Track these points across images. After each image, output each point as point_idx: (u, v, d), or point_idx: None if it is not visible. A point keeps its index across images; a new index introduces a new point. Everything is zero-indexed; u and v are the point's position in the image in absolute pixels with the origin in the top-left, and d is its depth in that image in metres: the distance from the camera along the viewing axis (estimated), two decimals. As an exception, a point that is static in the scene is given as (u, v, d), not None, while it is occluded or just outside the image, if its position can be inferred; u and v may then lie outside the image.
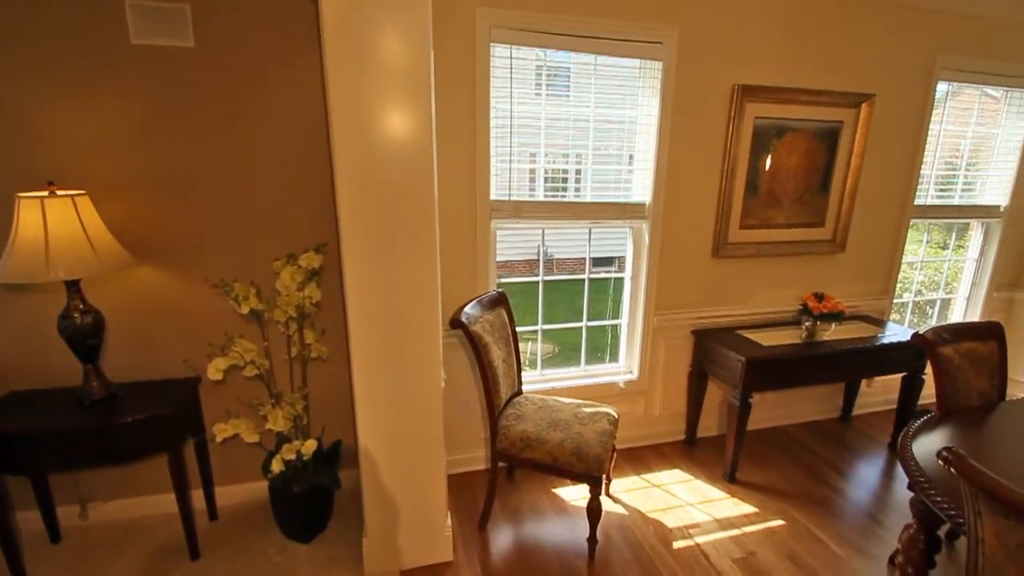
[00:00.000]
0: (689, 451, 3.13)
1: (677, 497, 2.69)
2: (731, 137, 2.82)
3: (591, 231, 2.85)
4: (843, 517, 2.56)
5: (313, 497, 2.26)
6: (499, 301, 2.55)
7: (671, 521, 2.50)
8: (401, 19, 1.67)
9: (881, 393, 3.67)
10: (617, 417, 2.43)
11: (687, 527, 2.46)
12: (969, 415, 2.08)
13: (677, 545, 2.34)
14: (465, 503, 2.60)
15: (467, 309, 2.25)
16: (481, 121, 2.44)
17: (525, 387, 2.77)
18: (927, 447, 1.79)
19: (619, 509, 2.58)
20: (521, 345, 2.65)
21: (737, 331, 3.01)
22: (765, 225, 3.07)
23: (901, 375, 3.09)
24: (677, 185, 2.83)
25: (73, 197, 1.85)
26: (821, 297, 2.89)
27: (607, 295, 3.14)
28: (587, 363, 3.09)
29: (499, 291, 2.59)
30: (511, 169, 2.59)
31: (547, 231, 2.78)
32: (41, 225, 1.77)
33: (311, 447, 2.14)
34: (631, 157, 2.80)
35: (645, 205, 2.83)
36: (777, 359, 2.68)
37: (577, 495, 2.67)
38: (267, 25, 2.14)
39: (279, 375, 2.39)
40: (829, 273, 3.33)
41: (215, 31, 2.09)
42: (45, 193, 1.81)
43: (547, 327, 3.01)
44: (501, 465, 2.38)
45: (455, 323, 2.15)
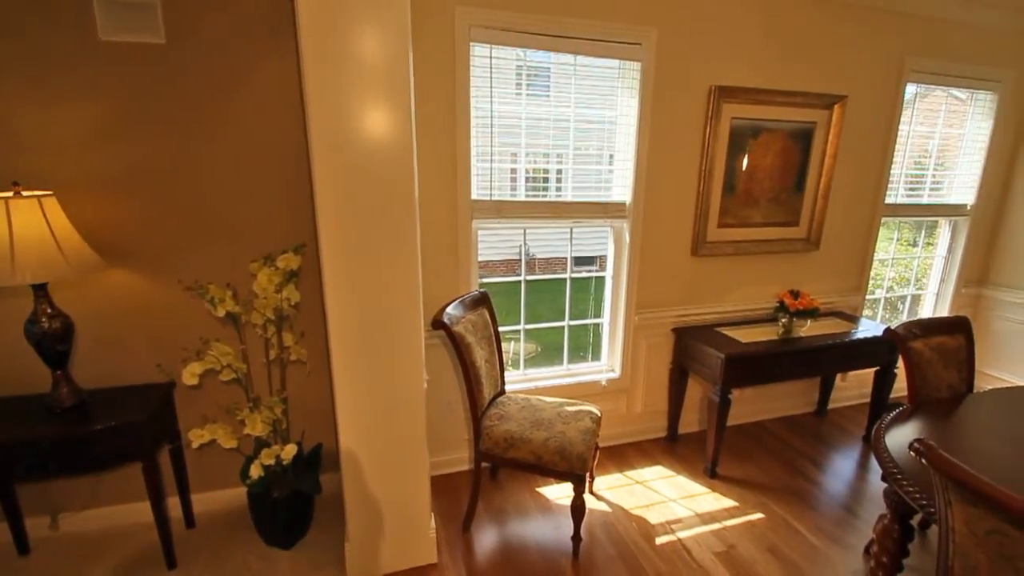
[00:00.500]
0: (671, 447, 3.16)
1: (659, 493, 2.72)
2: (709, 137, 2.86)
3: (572, 230, 2.86)
4: (820, 509, 2.61)
5: (293, 502, 2.22)
6: (481, 301, 2.54)
7: (654, 517, 2.53)
8: (379, 17, 1.65)
9: (855, 387, 3.76)
10: (600, 415, 2.45)
11: (669, 522, 2.49)
12: (939, 407, 2.15)
13: (660, 541, 2.37)
14: (449, 504, 2.58)
15: (449, 309, 2.24)
16: (461, 121, 2.43)
17: (508, 387, 2.77)
18: (899, 439, 1.84)
19: (603, 507, 2.60)
20: (504, 345, 2.64)
21: (716, 328, 3.06)
22: (743, 224, 3.12)
23: (874, 369, 3.17)
24: (657, 184, 2.86)
25: (39, 198, 1.80)
26: (797, 294, 2.95)
27: (589, 294, 3.16)
28: (569, 362, 3.11)
29: (481, 291, 2.58)
30: (492, 169, 2.59)
31: (529, 230, 2.78)
32: (6, 227, 1.71)
33: (291, 452, 2.10)
34: (611, 157, 2.82)
35: (625, 204, 2.85)
36: (755, 355, 2.73)
37: (561, 494, 2.68)
38: (242, 21, 2.09)
39: (257, 379, 2.35)
40: (804, 271, 3.41)
41: (187, 27, 2.04)
42: (10, 194, 1.75)
43: (529, 327, 3.01)
44: (485, 465, 2.38)
45: (437, 323, 2.14)
